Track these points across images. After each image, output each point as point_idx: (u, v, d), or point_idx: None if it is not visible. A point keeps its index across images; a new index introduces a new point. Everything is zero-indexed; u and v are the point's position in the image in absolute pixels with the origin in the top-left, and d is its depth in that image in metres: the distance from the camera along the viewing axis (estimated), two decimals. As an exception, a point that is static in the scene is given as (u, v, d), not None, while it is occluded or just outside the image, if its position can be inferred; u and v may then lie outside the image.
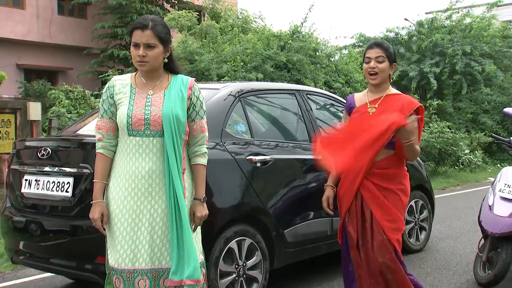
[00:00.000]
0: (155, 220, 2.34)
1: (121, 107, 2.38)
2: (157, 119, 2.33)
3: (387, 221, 2.82)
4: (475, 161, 13.83)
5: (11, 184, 3.65)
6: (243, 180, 3.50)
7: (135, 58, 2.36)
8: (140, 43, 2.33)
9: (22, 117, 7.31)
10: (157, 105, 2.36)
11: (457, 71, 16.33)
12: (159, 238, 2.33)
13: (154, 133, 2.34)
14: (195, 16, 15.08)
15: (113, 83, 2.45)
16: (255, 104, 4.10)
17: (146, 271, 2.31)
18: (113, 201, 2.36)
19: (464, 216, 7.20)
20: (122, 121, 2.35)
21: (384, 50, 2.90)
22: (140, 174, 2.33)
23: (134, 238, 2.32)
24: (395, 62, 2.95)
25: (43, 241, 3.36)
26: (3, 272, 4.64)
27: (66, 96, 11.14)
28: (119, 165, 2.38)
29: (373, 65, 2.88)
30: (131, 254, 2.31)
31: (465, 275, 4.38)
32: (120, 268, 2.31)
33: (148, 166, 2.33)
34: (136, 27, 2.35)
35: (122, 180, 2.35)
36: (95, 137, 2.45)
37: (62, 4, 18.83)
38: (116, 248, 2.33)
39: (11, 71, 16.24)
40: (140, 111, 2.34)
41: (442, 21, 18.50)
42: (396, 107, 2.86)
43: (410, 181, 5.07)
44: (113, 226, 2.35)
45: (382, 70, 2.89)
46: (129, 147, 2.36)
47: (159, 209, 2.34)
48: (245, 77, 11.33)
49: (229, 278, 3.37)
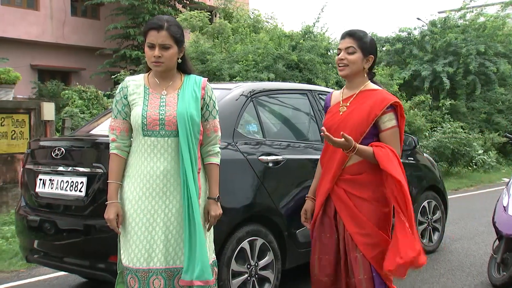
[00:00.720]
0: (169, 220, 2.34)
1: (135, 107, 2.38)
2: (171, 119, 2.34)
3: (361, 235, 2.50)
4: (489, 161, 13.69)
5: (25, 183, 3.68)
6: (255, 180, 3.50)
7: (150, 59, 2.37)
8: (156, 43, 2.34)
9: (36, 117, 7.38)
10: (171, 105, 2.37)
11: (471, 71, 16.17)
12: (174, 238, 2.34)
13: (169, 133, 2.35)
14: (206, 16, 15.12)
15: (127, 83, 2.45)
16: (267, 104, 4.10)
17: (160, 270, 2.32)
18: (127, 201, 2.37)
19: (478, 217, 7.13)
20: (137, 121, 2.36)
21: (356, 40, 2.59)
22: (155, 174, 2.34)
23: (149, 238, 2.32)
24: (372, 55, 2.62)
25: (57, 240, 3.39)
26: (18, 271, 4.69)
27: (79, 96, 11.23)
28: (134, 165, 2.39)
29: (341, 56, 2.60)
30: (146, 254, 2.32)
31: (479, 277, 4.33)
32: (135, 267, 2.32)
33: (163, 166, 2.34)
34: (151, 27, 2.35)
35: (136, 180, 2.36)
36: (109, 138, 2.46)
37: (75, 5, 19.01)
38: (131, 247, 2.34)
39: (26, 71, 16.41)
40: (154, 111, 2.35)
41: (455, 21, 18.33)
42: (366, 105, 2.56)
43: (423, 182, 5.16)
44: (128, 226, 2.36)
45: (352, 61, 2.58)
46: (143, 147, 2.36)
47: (174, 209, 2.35)
48: (257, 77, 11.34)
49: (241, 278, 3.38)
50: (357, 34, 2.62)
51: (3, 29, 16.67)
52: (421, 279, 4.29)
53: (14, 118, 7.20)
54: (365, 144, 2.52)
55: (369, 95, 2.60)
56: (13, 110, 7.23)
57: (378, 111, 2.53)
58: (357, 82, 2.65)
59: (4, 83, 7.36)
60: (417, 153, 5.18)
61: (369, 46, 2.61)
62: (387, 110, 2.54)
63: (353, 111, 2.58)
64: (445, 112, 15.22)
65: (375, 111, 2.53)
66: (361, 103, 2.59)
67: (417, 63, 17.12)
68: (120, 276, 2.46)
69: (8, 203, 6.98)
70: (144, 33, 2.39)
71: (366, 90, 2.63)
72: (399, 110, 2.58)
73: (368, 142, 2.54)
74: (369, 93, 2.61)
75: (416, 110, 14.02)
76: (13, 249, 5.16)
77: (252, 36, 13.47)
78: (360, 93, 2.63)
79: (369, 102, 2.56)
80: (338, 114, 2.63)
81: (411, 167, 4.98)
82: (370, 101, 2.57)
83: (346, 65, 2.59)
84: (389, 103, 2.54)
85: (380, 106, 2.54)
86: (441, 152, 12.20)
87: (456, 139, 12.27)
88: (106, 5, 18.14)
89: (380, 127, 2.56)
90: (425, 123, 13.69)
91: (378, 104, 2.54)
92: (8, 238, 5.58)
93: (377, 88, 2.65)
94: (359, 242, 2.49)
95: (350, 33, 2.63)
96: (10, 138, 7.15)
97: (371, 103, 2.56)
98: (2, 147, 7.08)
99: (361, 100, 2.60)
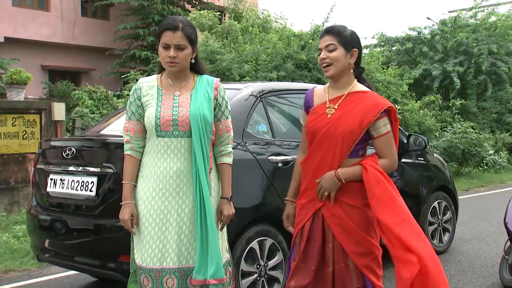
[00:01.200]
0: (182, 220, 2.36)
1: (148, 108, 2.40)
2: (185, 119, 2.35)
3: (352, 244, 2.37)
4: (500, 161, 13.59)
5: (37, 183, 3.71)
6: (264, 180, 3.50)
7: (164, 59, 2.38)
8: (171, 44, 2.34)
9: (47, 117, 7.43)
10: (184, 106, 2.38)
11: (483, 71, 16.05)
12: (186, 238, 2.35)
13: (182, 133, 2.36)
14: (216, 16, 15.15)
15: (140, 85, 2.47)
16: (276, 104, 4.09)
17: (173, 270, 2.33)
18: (141, 201, 2.39)
19: (489, 218, 7.08)
20: (150, 122, 2.37)
21: (335, 36, 2.43)
22: (168, 174, 2.35)
23: (162, 238, 2.34)
24: (355, 48, 2.44)
25: (68, 239, 3.41)
26: (29, 270, 4.73)
27: (89, 96, 11.31)
28: (147, 166, 2.41)
29: (323, 56, 2.44)
30: (159, 254, 2.33)
31: (490, 278, 4.30)
32: (148, 267, 2.34)
33: (176, 166, 2.35)
34: (166, 28, 2.36)
35: (150, 180, 2.38)
36: (123, 139, 2.48)
37: (85, 6, 19.14)
38: (144, 247, 2.36)
39: (36, 72, 16.56)
40: (168, 112, 2.37)
41: (466, 20, 18.21)
42: (358, 110, 2.38)
43: (433, 182, 5.13)
44: (141, 226, 2.38)
45: (335, 59, 2.41)
46: (157, 148, 2.38)
47: (186, 209, 2.37)
48: (266, 77, 11.34)
49: (250, 278, 3.38)
50: (335, 30, 2.47)
51: (14, 30, 16.83)
52: (431, 280, 4.26)
53: (25, 118, 7.27)
54: (356, 149, 2.40)
55: (360, 98, 2.43)
56: (24, 110, 7.29)
57: (371, 117, 2.36)
58: (344, 82, 2.47)
59: (16, 84, 7.42)
60: (427, 153, 5.15)
61: (350, 39, 2.44)
62: (380, 116, 2.38)
63: (344, 116, 2.40)
64: (455, 112, 15.12)
65: (368, 117, 2.36)
66: (352, 107, 2.41)
67: (427, 62, 17.03)
68: (133, 275, 2.48)
69: (19, 202, 7.05)
70: (159, 33, 2.39)
71: (355, 92, 2.46)
72: (392, 115, 2.42)
73: (358, 147, 2.41)
74: (359, 96, 2.44)
75: (426, 110, 13.94)
76: (24, 248, 5.21)
77: (261, 36, 13.47)
78: (349, 95, 2.45)
79: (361, 107, 2.39)
80: (325, 116, 2.44)
81: (421, 167, 4.95)
82: (361, 105, 2.39)
83: (329, 64, 2.43)
84: (383, 109, 2.37)
85: (374, 112, 2.37)
86: (451, 152, 12.13)
87: (467, 139, 12.20)
88: (116, 6, 18.24)
89: (374, 133, 2.40)
90: (435, 123, 13.60)
91: (371, 110, 2.37)
92: (19, 237, 5.64)
93: (366, 90, 2.47)
94: (350, 251, 2.37)
95: (328, 29, 2.49)
96: (21, 138, 7.21)
97: (363, 108, 2.38)
98: (14, 147, 7.14)
99: (351, 103, 2.42)
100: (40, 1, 17.96)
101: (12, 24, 16.75)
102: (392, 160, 2.43)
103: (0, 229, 6.04)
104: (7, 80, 7.57)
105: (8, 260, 4.91)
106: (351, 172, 2.39)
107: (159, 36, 2.38)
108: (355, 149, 2.41)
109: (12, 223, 6.33)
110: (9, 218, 6.57)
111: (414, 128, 12.68)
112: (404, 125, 12.48)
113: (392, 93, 13.54)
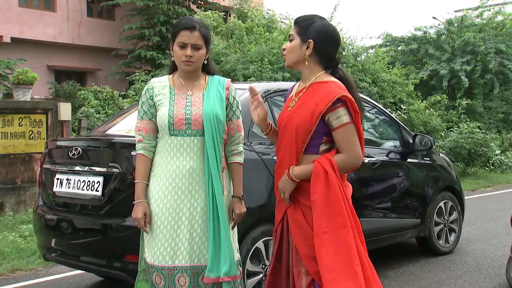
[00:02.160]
0: (194, 218, 2.37)
1: (161, 108, 2.42)
2: (197, 118, 2.38)
3: (307, 247, 2.22)
4: (507, 162, 13.52)
5: (43, 183, 3.73)
6: (269, 180, 3.50)
7: (180, 58, 2.40)
8: (188, 43, 2.38)
9: (53, 117, 7.47)
10: (197, 105, 2.41)
11: (490, 70, 15.97)
12: (198, 236, 2.37)
13: (195, 132, 2.39)
14: (221, 16, 15.15)
15: (152, 85, 2.49)
16: (282, 104, 4.07)
17: (185, 268, 2.35)
18: (153, 200, 2.41)
19: (496, 218, 7.04)
20: (163, 121, 2.39)
21: (295, 26, 2.34)
22: (180, 173, 2.37)
23: (174, 236, 2.36)
24: (311, 39, 2.27)
25: (74, 239, 3.43)
26: (36, 269, 4.75)
27: (95, 96, 11.35)
28: (160, 164, 2.42)
29: (284, 46, 2.37)
30: (171, 252, 2.36)
31: (497, 278, 4.28)
32: (160, 265, 2.36)
33: (188, 165, 2.38)
34: (184, 27, 2.39)
35: (162, 179, 2.40)
36: (128, 139, 2.49)
37: (91, 6, 19.21)
38: (157, 245, 2.38)
39: (42, 72, 16.63)
40: (181, 111, 2.39)
41: (472, 19, 18.14)
42: (312, 101, 2.24)
43: (439, 182, 5.11)
44: (153, 224, 2.39)
45: (288, 50, 2.33)
46: (170, 147, 2.40)
47: (198, 207, 2.38)
48: (271, 77, 11.33)
49: (256, 278, 3.38)
50: (299, 20, 2.35)
51: (21, 30, 16.91)
52: (437, 280, 4.25)
53: (31, 118, 7.30)
54: (315, 144, 2.26)
55: (318, 88, 2.27)
56: (30, 110, 7.33)
57: (322, 107, 2.19)
58: (307, 74, 2.33)
59: (22, 84, 7.46)
60: (433, 153, 5.13)
61: (309, 30, 2.28)
62: (335, 106, 2.19)
63: (299, 108, 2.28)
64: (461, 112, 15.06)
65: (319, 107, 2.20)
66: (308, 98, 2.27)
67: (434, 62, 16.97)
68: (141, 274, 2.50)
69: (26, 202, 7.08)
70: (174, 33, 2.42)
71: (316, 83, 2.29)
72: (350, 105, 2.21)
73: (317, 142, 2.26)
74: (318, 86, 2.27)
75: (432, 110, 13.89)
76: (31, 248, 5.23)
77: (266, 35, 13.46)
78: (310, 86, 2.31)
79: (315, 98, 2.24)
80: (287, 110, 2.36)
81: (427, 167, 4.94)
82: (316, 96, 2.24)
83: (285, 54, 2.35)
84: (335, 98, 2.18)
85: (325, 101, 2.19)
86: (457, 152, 12.07)
87: (473, 139, 12.14)
88: (121, 6, 18.28)
89: (332, 125, 2.22)
90: (441, 123, 13.55)
91: (323, 100, 2.20)
92: (26, 236, 5.67)
93: (328, 80, 2.29)
94: (304, 255, 2.23)
95: (294, 20, 2.37)
96: (27, 138, 7.25)
97: (316, 99, 2.23)
98: (20, 147, 7.18)
99: (309, 94, 2.28)
100: (46, 2, 18.04)
101: (18, 25, 16.84)
102: (351, 154, 2.22)
103: (7, 229, 6.08)
104: (14, 80, 7.61)
105: (15, 259, 4.94)
106: (304, 170, 2.23)
107: (175, 35, 2.41)
108: (313, 144, 2.26)
109: (19, 222, 6.36)
110: (15, 217, 6.61)
111: (420, 128, 12.64)
112: (410, 125, 12.44)
113: (398, 93, 13.51)
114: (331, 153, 2.25)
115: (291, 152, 2.29)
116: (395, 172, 4.57)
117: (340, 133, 2.22)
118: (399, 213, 4.56)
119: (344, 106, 2.22)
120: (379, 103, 7.16)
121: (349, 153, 2.23)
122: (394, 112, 12.84)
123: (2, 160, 6.99)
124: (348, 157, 2.23)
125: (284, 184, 2.28)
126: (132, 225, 3.05)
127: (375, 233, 4.21)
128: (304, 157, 2.27)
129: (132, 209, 2.42)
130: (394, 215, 4.50)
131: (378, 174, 4.33)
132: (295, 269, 2.30)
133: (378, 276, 2.29)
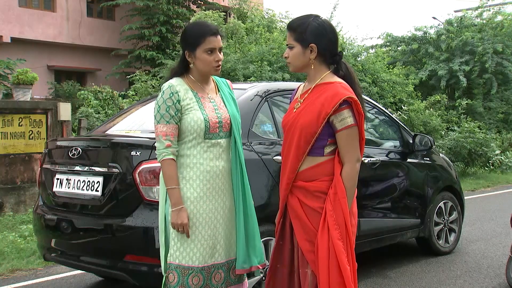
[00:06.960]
0: (226, 216, 2.51)
1: (192, 112, 2.44)
2: (227, 121, 2.51)
3: (312, 251, 2.25)
4: (507, 162, 13.52)
5: (43, 183, 3.73)
6: (269, 180, 3.50)
7: (211, 63, 2.47)
8: (217, 48, 2.47)
9: (53, 117, 7.47)
10: (222, 108, 2.53)
11: (488, 70, 15.98)
12: (230, 232, 2.51)
13: (224, 134, 2.51)
14: (221, 16, 15.15)
15: (176, 88, 2.46)
16: (282, 104, 4.09)
17: (221, 264, 2.48)
18: (189, 202, 2.43)
19: (496, 218, 7.04)
20: (199, 125, 2.43)
21: (292, 33, 2.33)
22: (214, 174, 2.47)
23: (212, 236, 2.45)
24: (313, 43, 2.28)
25: (74, 239, 3.43)
26: (36, 269, 4.75)
27: (95, 96, 11.35)
28: (191, 167, 2.45)
29: (285, 54, 2.39)
30: (210, 251, 2.44)
31: (497, 278, 4.28)
32: (200, 266, 2.41)
33: (221, 165, 2.49)
34: (211, 33, 2.45)
35: (195, 181, 2.44)
36: (129, 139, 2.51)
37: (91, 7, 19.21)
38: (196, 247, 2.42)
39: (42, 72, 16.64)
40: (213, 115, 2.48)
41: (472, 20, 18.14)
42: (318, 102, 2.25)
43: (439, 182, 5.11)
44: (192, 226, 2.42)
45: (292, 58, 2.34)
46: (202, 149, 2.46)
47: (229, 205, 2.52)
48: (271, 77, 11.33)
49: (256, 278, 3.38)
50: (293, 26, 2.34)
51: (21, 30, 16.91)
52: (437, 280, 4.25)
53: (31, 118, 7.30)
54: (319, 146, 2.27)
55: (323, 89, 2.27)
56: (30, 110, 7.33)
57: (329, 109, 2.21)
58: (312, 75, 2.35)
59: (22, 84, 7.47)
60: (433, 153, 5.13)
61: (308, 34, 2.28)
62: (341, 108, 2.21)
63: (304, 109, 2.29)
64: (461, 112, 15.06)
65: (325, 109, 2.21)
66: (314, 99, 2.28)
67: (433, 62, 16.98)
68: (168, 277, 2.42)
69: (26, 202, 7.09)
70: (198, 40, 2.44)
71: (322, 84, 2.30)
72: (355, 106, 2.24)
73: (322, 144, 2.27)
74: (324, 87, 2.28)
75: (431, 110, 13.89)
76: (31, 248, 5.23)
77: (266, 35, 13.46)
78: (315, 87, 2.32)
79: (321, 99, 2.24)
80: (292, 111, 2.37)
81: (427, 167, 4.94)
82: (322, 97, 2.25)
83: (289, 62, 2.38)
84: (342, 99, 2.20)
85: (331, 103, 2.20)
86: (457, 152, 12.08)
87: (473, 139, 12.14)
88: (121, 6, 18.28)
89: (336, 126, 2.24)
90: (441, 123, 13.56)
91: (329, 101, 2.21)
92: (26, 236, 5.67)
93: (333, 80, 2.30)
94: (309, 258, 2.26)
95: (288, 26, 2.37)
96: (27, 138, 7.25)
97: (322, 100, 2.24)
98: (20, 147, 7.18)
99: (315, 95, 2.29)
100: (46, 2, 18.04)
101: (18, 25, 16.84)
102: (352, 162, 2.26)
103: (7, 229, 6.08)
104: (14, 80, 7.62)
105: (14, 259, 4.94)
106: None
107: (200, 42, 2.44)
108: (318, 146, 2.27)
109: (19, 222, 6.36)
110: (15, 217, 6.61)
111: (420, 128, 12.64)
112: (410, 125, 12.44)
113: (398, 93, 13.50)
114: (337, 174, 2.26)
115: (294, 152, 2.31)
116: (395, 172, 4.57)
117: (343, 134, 2.25)
118: (399, 213, 4.56)
119: (349, 107, 2.24)
120: (379, 103, 7.16)
121: (350, 162, 2.27)
122: (394, 112, 12.84)
123: (2, 160, 7.00)
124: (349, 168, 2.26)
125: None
126: (132, 225, 3.07)
127: (375, 233, 4.21)
128: (308, 159, 2.29)
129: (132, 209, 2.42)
130: (394, 215, 4.49)
131: (378, 174, 4.33)
132: (302, 270, 2.32)
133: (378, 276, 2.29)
